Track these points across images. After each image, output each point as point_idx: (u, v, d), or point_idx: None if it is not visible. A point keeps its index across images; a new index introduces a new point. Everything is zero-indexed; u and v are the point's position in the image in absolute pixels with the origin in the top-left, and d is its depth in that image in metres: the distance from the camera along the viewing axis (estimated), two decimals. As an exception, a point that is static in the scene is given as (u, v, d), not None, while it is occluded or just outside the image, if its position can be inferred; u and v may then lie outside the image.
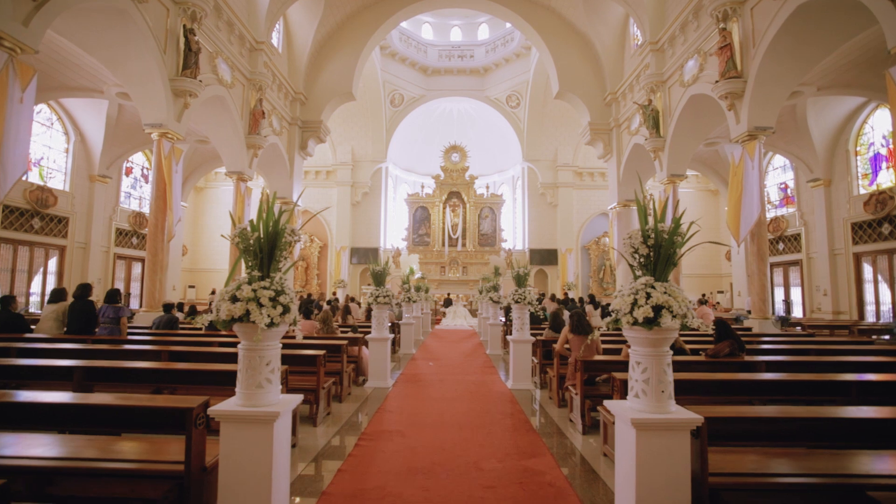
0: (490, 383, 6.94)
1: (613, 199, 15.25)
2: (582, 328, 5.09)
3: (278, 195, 15.18)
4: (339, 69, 15.63)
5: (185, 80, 8.95)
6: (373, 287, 6.48)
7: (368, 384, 6.59)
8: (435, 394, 6.22)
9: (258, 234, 2.56)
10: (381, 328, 6.49)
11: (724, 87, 8.84)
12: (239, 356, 2.52)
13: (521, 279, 6.47)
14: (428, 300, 15.18)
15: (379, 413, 5.29)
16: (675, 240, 2.52)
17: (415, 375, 7.65)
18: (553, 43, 15.50)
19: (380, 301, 6.36)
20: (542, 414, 5.40)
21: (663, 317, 2.31)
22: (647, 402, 2.42)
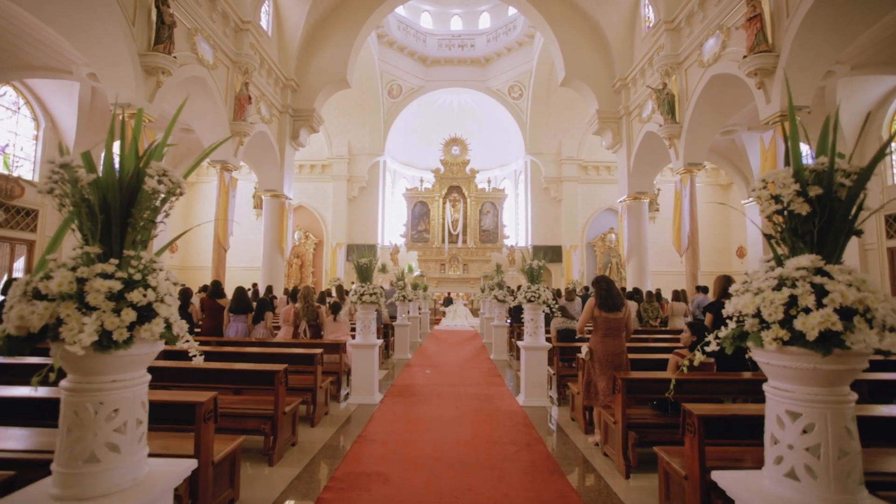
0: (497, 398, 5.84)
1: (623, 192, 14.40)
2: (612, 301, 4.05)
3: (268, 187, 14.38)
4: (333, 55, 14.78)
5: (158, 55, 8.10)
6: (357, 283, 5.49)
7: (352, 399, 5.51)
8: (431, 413, 5.16)
9: (96, 175, 1.44)
10: (367, 333, 5.40)
11: (752, 62, 7.99)
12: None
13: (534, 274, 5.40)
14: (426, 299, 14.34)
15: (358, 444, 4.14)
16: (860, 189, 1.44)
17: (408, 387, 6.55)
18: (559, 27, 14.64)
19: (365, 300, 5.26)
20: (565, 443, 4.30)
21: (857, 330, 1.26)
22: (817, 491, 1.32)
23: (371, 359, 5.45)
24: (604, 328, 4.05)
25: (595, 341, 4.10)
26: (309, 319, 5.82)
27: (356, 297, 5.28)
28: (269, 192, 14.35)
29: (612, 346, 4.01)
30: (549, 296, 5.22)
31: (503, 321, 9.04)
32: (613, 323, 4.05)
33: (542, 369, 5.43)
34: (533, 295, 5.26)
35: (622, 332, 4.08)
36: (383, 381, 6.94)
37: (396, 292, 9.13)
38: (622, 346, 4.08)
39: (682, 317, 8.31)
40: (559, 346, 5.49)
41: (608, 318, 4.06)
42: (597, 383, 4.02)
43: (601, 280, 4.28)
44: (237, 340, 5.22)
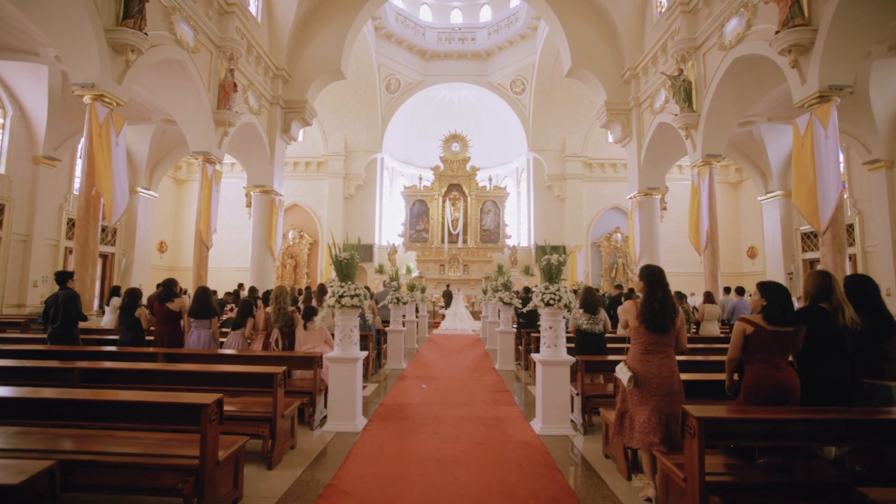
0: (507, 423, 4.72)
1: (633, 188, 13.61)
2: (662, 319, 2.96)
3: (257, 183, 13.58)
4: (327, 44, 13.99)
5: (126, 30, 7.31)
6: (336, 283, 4.42)
7: (329, 426, 4.39)
8: (425, 447, 4.03)
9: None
10: (348, 343, 4.32)
11: (786, 38, 7.19)
12: None
13: (552, 272, 4.45)
14: (424, 301, 13.51)
15: (325, 500, 3.01)
16: None
17: (400, 408, 5.36)
18: (565, 15, 13.87)
19: (345, 303, 4.19)
20: (604, 496, 3.14)
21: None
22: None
23: (352, 376, 4.35)
24: (645, 342, 3.06)
25: (634, 359, 3.08)
26: (282, 326, 4.94)
27: (334, 299, 4.24)
28: (258, 187, 13.55)
29: (657, 366, 2.99)
30: (571, 298, 4.30)
31: (509, 326, 8.10)
32: (659, 339, 3.04)
33: (562, 389, 4.37)
34: (552, 297, 4.21)
35: (670, 347, 3.07)
36: (371, 397, 5.97)
37: (389, 294, 8.19)
38: (672, 365, 3.03)
39: (715, 322, 7.44)
40: (584, 360, 4.40)
41: (654, 337, 3.04)
42: (633, 415, 3.01)
43: (650, 277, 3.08)
44: (178, 353, 4.21)
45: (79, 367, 3.45)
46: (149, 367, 3.63)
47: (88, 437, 2.82)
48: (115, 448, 2.65)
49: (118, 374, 3.45)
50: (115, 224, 13.89)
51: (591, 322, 4.93)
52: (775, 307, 2.81)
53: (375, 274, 21.41)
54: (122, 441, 2.77)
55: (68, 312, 4.80)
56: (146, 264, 14.86)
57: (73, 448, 2.70)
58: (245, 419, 3.38)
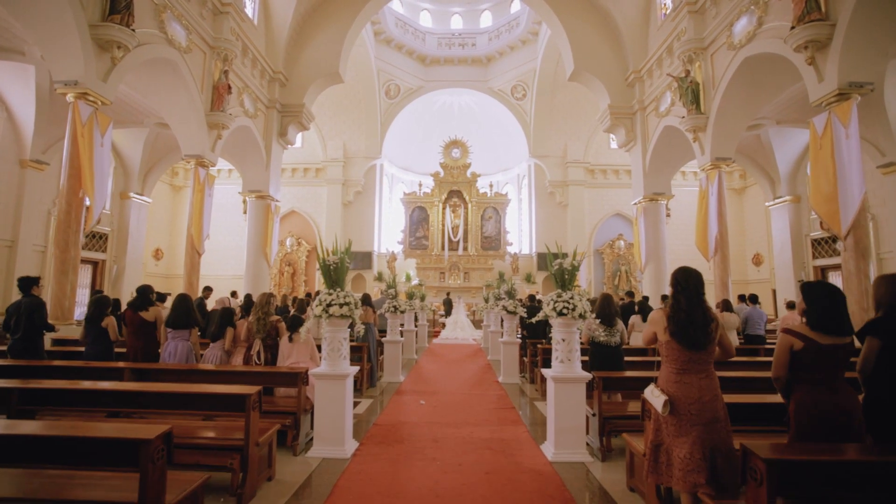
0: (515, 447, 4.22)
1: (638, 193, 13.26)
2: (695, 336, 2.49)
3: (253, 188, 13.24)
4: (325, 47, 13.74)
5: (112, 26, 6.99)
6: (324, 290, 3.99)
7: (314, 451, 3.92)
8: (423, 478, 3.54)
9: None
10: (336, 358, 3.86)
11: (802, 34, 6.87)
12: None
13: (565, 276, 3.99)
14: (424, 309, 13.10)
15: None
16: None
17: (395, 428, 4.82)
18: (567, 18, 13.63)
19: (333, 312, 3.75)
20: None
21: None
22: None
23: (341, 394, 3.85)
24: (679, 360, 2.56)
25: (668, 381, 2.57)
26: (265, 338, 4.52)
27: (321, 308, 3.80)
28: (253, 192, 13.20)
29: (696, 388, 2.48)
30: (586, 307, 3.87)
31: (513, 336, 7.66)
32: (696, 356, 2.54)
33: (577, 409, 3.85)
34: (566, 306, 3.74)
35: (710, 365, 2.55)
36: (365, 415, 5.47)
37: (387, 303, 7.74)
38: (714, 387, 2.52)
39: (734, 332, 7.03)
40: (601, 377, 3.88)
41: (688, 352, 2.55)
42: (670, 448, 2.51)
43: (675, 282, 2.63)
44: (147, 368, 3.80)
45: (16, 387, 2.98)
46: (101, 387, 3.11)
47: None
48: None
49: (64, 395, 2.97)
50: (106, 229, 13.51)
51: (608, 334, 4.44)
52: (825, 313, 2.37)
53: (375, 282, 21.03)
54: (40, 485, 2.16)
55: (32, 322, 4.38)
56: (138, 271, 14.47)
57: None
58: (211, 448, 2.90)
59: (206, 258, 20.82)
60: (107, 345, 4.59)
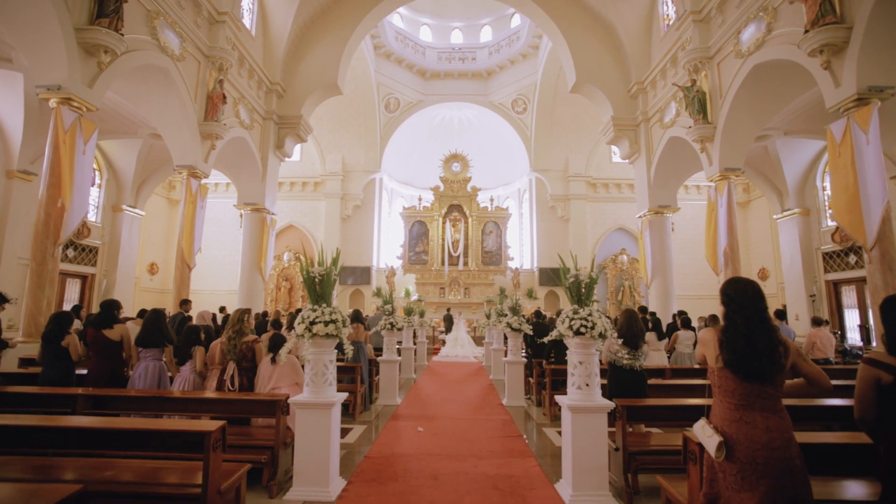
0: (525, 485, 3.70)
1: (643, 206, 12.93)
2: (754, 359, 2.01)
3: (248, 201, 12.92)
4: (323, 58, 13.57)
5: (99, 30, 6.73)
6: (308, 307, 3.49)
7: (293, 492, 3.36)
8: None
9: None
10: (320, 384, 3.34)
11: (817, 37, 6.61)
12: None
13: (580, 290, 3.48)
14: (423, 326, 12.64)
15: None
16: None
17: (389, 462, 4.24)
18: (569, 30, 13.49)
19: (318, 332, 3.26)
20: None
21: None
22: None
23: (326, 426, 3.31)
24: (736, 393, 2.06)
25: (725, 418, 2.08)
26: (239, 360, 3.97)
27: (303, 326, 3.30)
28: (249, 205, 12.87)
29: (763, 429, 1.98)
30: (607, 325, 3.31)
31: (518, 355, 7.11)
32: (760, 389, 2.02)
33: (598, 443, 3.29)
34: (583, 324, 3.23)
35: (779, 399, 2.04)
36: (356, 445, 4.89)
37: (383, 319, 7.29)
38: (785, 428, 2.00)
39: None
40: (625, 405, 3.40)
41: (747, 384, 2.04)
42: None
43: (729, 297, 2.15)
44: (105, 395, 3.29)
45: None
46: (23, 422, 2.48)
47: None
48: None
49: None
50: (96, 243, 13.14)
51: (633, 357, 3.90)
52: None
53: (373, 297, 20.59)
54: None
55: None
56: (129, 286, 14.06)
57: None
58: (157, 498, 2.35)
59: (202, 273, 20.55)
60: (67, 367, 4.09)
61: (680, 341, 6.55)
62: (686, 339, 6.59)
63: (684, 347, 6.53)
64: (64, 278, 12.13)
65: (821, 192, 13.24)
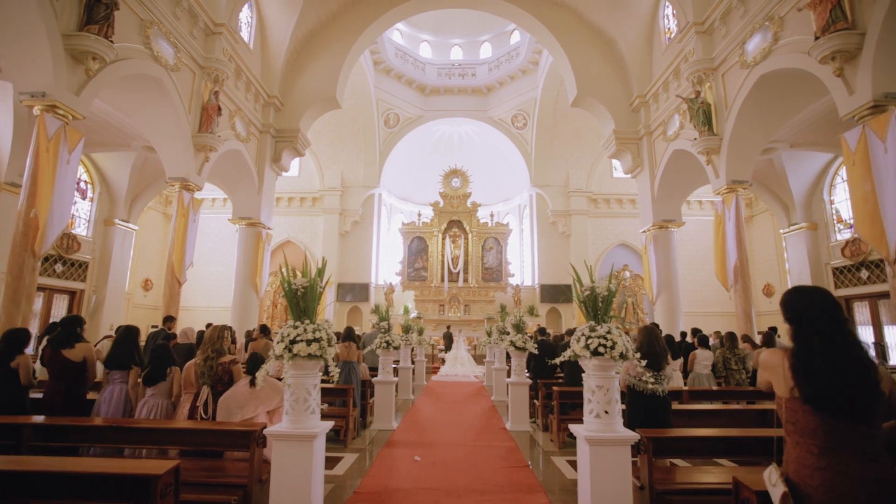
0: None
1: (647, 221, 12.65)
2: (841, 387, 1.59)
3: (243, 215, 12.64)
4: (322, 71, 13.46)
5: (88, 36, 6.53)
6: (288, 324, 3.08)
7: None
8: None
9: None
10: (300, 412, 2.87)
11: (828, 44, 6.40)
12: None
13: (597, 305, 3.07)
14: (422, 344, 12.23)
15: None
16: None
17: (380, 499, 3.82)
18: (569, 44, 13.42)
19: (299, 352, 2.85)
20: None
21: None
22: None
23: (307, 460, 2.80)
24: (821, 433, 1.63)
25: (803, 463, 1.65)
26: (214, 384, 3.54)
27: (282, 346, 2.87)
28: (244, 219, 12.59)
29: (856, 481, 1.55)
30: (628, 345, 2.90)
31: (522, 376, 6.54)
32: (854, 428, 1.60)
33: (622, 481, 2.78)
34: (602, 343, 2.82)
35: (878, 439, 1.61)
36: (346, 477, 4.42)
37: (378, 337, 6.69)
38: (889, 477, 1.57)
39: None
40: (650, 438, 2.94)
41: (834, 420, 1.62)
42: None
43: (794, 311, 1.77)
44: (58, 425, 2.82)
45: None
46: None
47: None
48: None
49: None
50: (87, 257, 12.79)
51: (657, 380, 3.42)
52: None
53: (371, 314, 20.16)
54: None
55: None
56: (120, 302, 13.67)
57: None
58: None
59: (197, 289, 20.20)
60: (17, 391, 3.62)
61: (698, 361, 6.10)
62: (704, 360, 6.14)
63: (702, 368, 6.08)
64: (51, 294, 11.76)
65: (828, 205, 12.99)
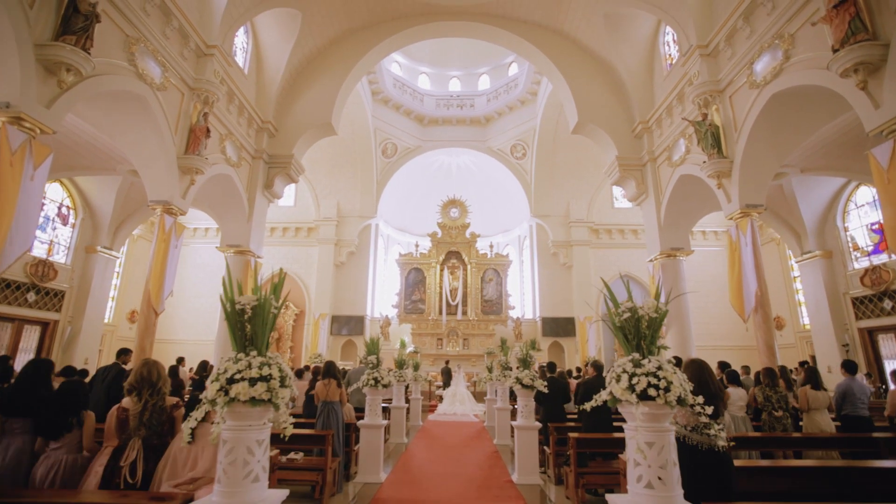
0: None
1: (654, 249, 12.10)
2: None
3: (232, 242, 12.06)
4: (318, 98, 13.23)
5: (63, 46, 6.14)
6: (226, 357, 2.18)
7: None
8: None
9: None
10: (237, 480, 1.98)
11: (849, 56, 6.02)
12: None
13: (640, 331, 2.40)
14: (418, 380, 11.39)
15: None
16: None
17: None
18: (569, 70, 13.28)
19: (238, 395, 1.98)
20: None
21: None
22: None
23: None
24: None
25: None
26: (148, 437, 2.62)
27: (216, 386, 2.05)
28: (232, 247, 12.00)
29: None
30: (685, 385, 2.19)
31: (530, 419, 5.65)
32: None
33: None
34: (652, 384, 2.11)
35: None
36: None
37: (366, 374, 5.85)
38: None
39: (825, 412, 5.25)
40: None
41: None
42: None
43: None
44: None
45: None
46: None
47: None
48: None
49: None
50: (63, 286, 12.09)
51: (715, 434, 2.55)
52: None
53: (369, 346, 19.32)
54: None
55: None
56: (96, 334, 12.88)
57: None
58: None
59: (185, 321, 19.37)
60: None
61: (731, 402, 5.21)
62: (738, 400, 5.24)
63: (737, 410, 5.20)
64: (21, 325, 10.99)
65: (842, 232, 12.49)
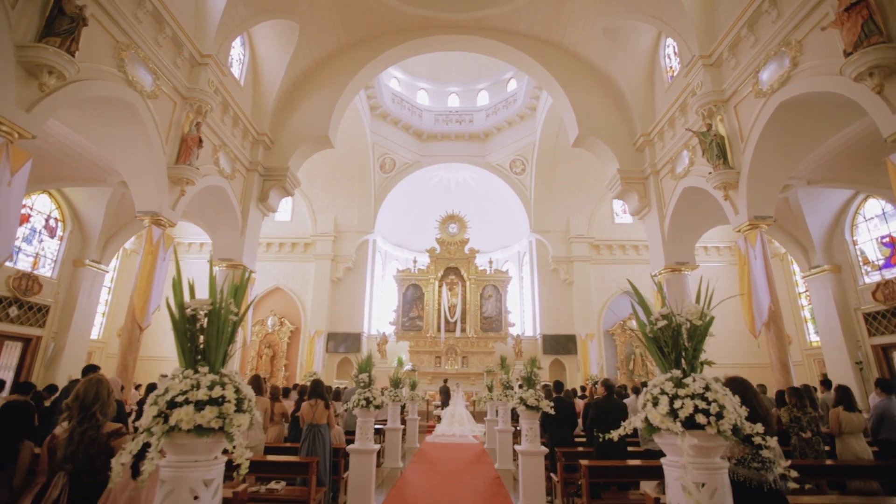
0: None
1: (658, 264, 11.78)
2: None
3: (224, 256, 11.71)
4: (315, 110, 13.05)
5: (46, 48, 5.89)
6: (171, 374, 1.77)
7: None
8: None
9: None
10: None
11: (863, 59, 5.81)
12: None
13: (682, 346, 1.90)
14: (415, 400, 10.91)
15: None
16: None
17: None
18: (569, 84, 13.16)
19: (182, 422, 1.53)
20: None
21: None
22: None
23: None
24: None
25: None
26: (79, 470, 2.12)
27: (154, 410, 1.61)
28: (224, 261, 11.63)
29: None
30: (738, 412, 1.73)
31: (536, 443, 5.17)
32: None
33: None
34: (700, 406, 1.65)
35: None
36: None
37: (357, 394, 5.45)
38: None
39: (860, 436, 4.80)
40: None
41: None
42: None
43: None
44: None
45: None
46: None
47: None
48: None
49: None
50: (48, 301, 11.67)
51: (757, 465, 2.11)
52: None
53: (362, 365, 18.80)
54: None
55: None
56: (82, 351, 12.41)
57: None
58: None
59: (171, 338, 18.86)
60: None
61: None
62: None
63: None
64: (1, 341, 10.55)
65: (851, 246, 12.20)
